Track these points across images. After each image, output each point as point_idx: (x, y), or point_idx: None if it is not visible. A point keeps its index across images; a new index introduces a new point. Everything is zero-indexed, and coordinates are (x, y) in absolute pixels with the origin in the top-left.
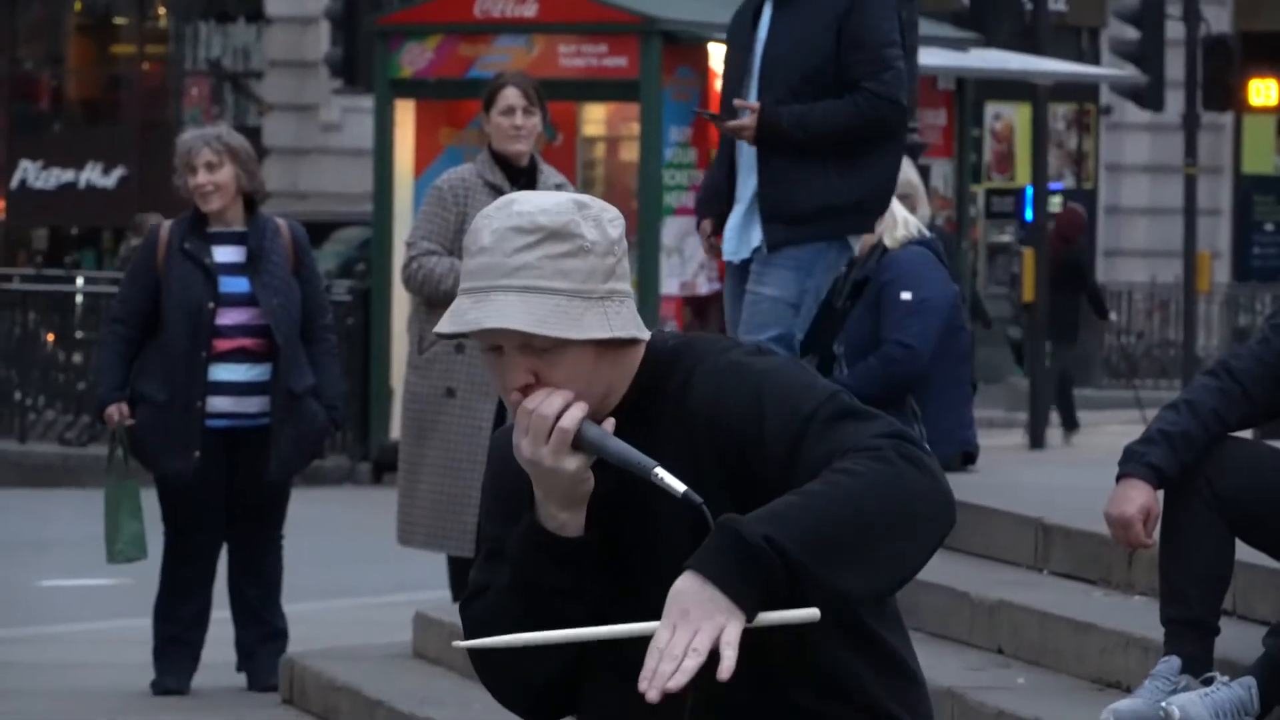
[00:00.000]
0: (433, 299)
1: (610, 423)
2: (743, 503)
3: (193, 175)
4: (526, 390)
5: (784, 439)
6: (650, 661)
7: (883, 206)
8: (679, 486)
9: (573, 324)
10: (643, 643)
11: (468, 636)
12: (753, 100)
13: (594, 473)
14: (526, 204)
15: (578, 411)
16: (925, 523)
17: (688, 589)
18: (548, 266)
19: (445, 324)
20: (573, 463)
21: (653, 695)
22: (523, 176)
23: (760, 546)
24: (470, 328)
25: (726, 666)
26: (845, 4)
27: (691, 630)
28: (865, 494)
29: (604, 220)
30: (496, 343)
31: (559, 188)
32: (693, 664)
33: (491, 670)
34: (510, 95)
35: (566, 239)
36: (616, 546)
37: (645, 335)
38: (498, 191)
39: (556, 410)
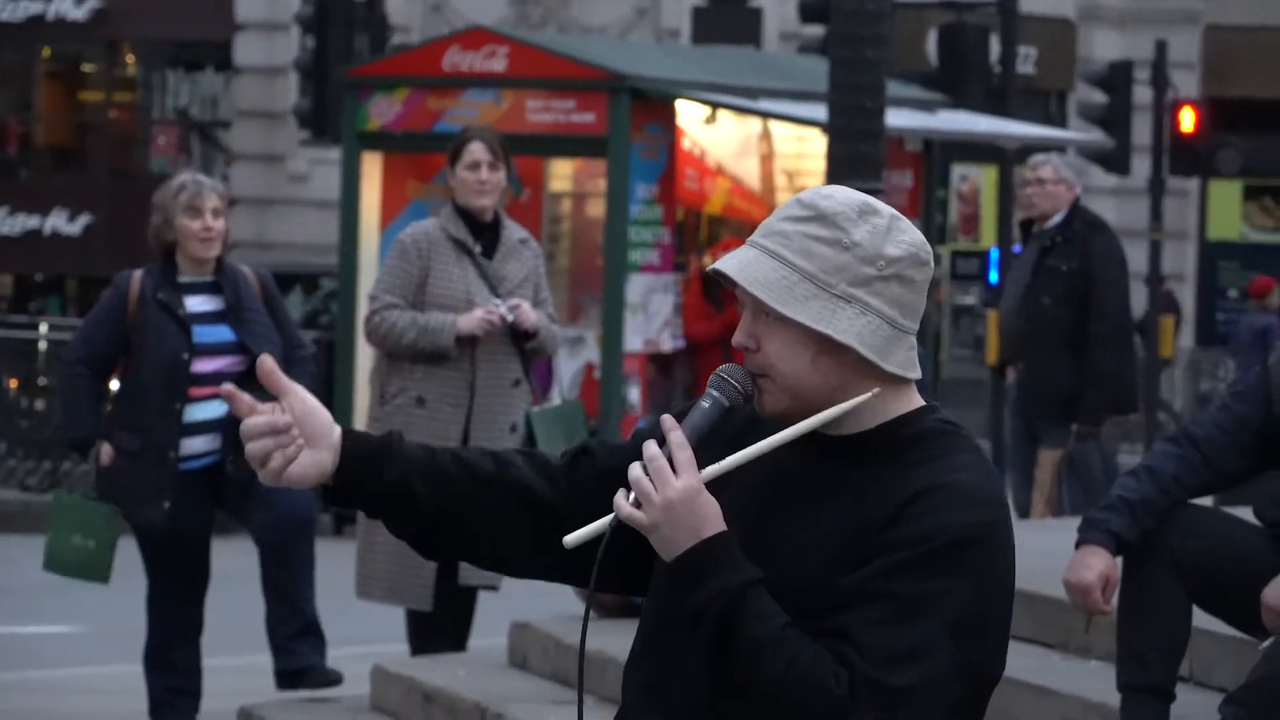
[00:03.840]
0: (394, 352)
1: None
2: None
3: (197, 218)
4: (745, 353)
5: (877, 572)
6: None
7: None
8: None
9: (785, 297)
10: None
11: None
12: None
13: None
14: (828, 188)
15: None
16: None
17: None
18: (798, 242)
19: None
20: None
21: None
22: (487, 231)
23: (747, 577)
24: (712, 268)
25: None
26: None
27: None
28: (788, 680)
29: (882, 232)
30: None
31: (522, 243)
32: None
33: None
34: (475, 150)
35: (831, 226)
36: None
37: (877, 359)
38: (461, 246)
39: None
